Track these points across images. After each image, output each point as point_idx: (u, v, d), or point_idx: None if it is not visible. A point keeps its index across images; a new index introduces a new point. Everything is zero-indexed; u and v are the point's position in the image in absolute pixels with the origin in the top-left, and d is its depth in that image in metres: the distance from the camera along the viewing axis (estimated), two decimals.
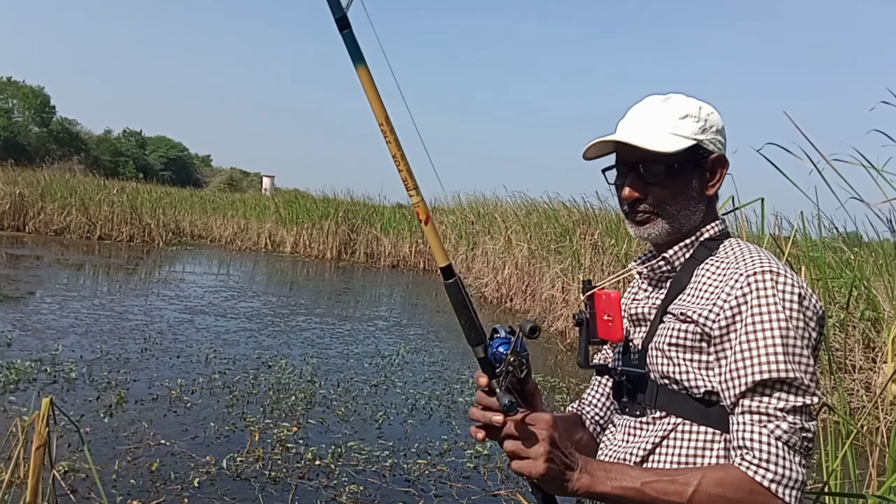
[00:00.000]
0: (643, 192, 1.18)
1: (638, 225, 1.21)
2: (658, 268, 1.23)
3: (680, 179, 1.17)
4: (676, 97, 1.21)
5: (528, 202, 14.12)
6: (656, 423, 1.17)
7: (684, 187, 1.17)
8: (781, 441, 1.01)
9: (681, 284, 1.18)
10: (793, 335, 1.04)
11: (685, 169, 1.17)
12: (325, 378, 5.99)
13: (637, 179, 1.18)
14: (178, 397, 5.03)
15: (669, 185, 1.17)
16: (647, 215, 1.19)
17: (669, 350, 1.13)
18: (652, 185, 1.17)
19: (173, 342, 6.84)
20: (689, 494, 0.99)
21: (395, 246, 18.57)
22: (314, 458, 4.08)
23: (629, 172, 1.19)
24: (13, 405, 4.40)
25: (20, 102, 54.67)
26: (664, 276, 1.24)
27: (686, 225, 1.19)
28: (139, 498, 3.37)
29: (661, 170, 1.16)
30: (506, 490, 3.91)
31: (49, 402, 2.12)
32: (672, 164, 1.16)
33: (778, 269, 1.08)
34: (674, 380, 1.13)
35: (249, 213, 22.10)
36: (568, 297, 9.45)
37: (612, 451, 1.22)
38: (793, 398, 1.03)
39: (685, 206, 1.18)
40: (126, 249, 16.46)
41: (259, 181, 41.54)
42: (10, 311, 7.67)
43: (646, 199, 1.18)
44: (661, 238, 1.20)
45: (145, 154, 62.19)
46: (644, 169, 1.17)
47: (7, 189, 17.72)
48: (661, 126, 1.17)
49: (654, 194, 1.18)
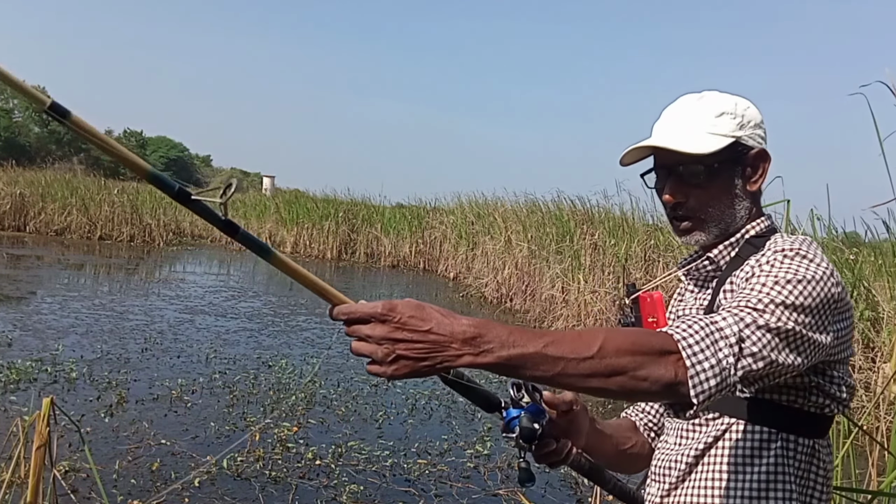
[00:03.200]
0: (684, 195, 1.14)
1: (682, 233, 1.17)
2: (703, 267, 1.19)
3: (721, 179, 1.13)
4: (711, 94, 1.17)
5: (529, 201, 14.13)
6: (709, 423, 1.12)
7: (726, 187, 1.14)
8: (739, 327, 0.91)
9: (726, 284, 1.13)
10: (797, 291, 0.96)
11: (725, 168, 1.13)
12: (326, 378, 6.00)
13: (677, 182, 1.15)
14: (178, 397, 5.04)
15: (710, 187, 1.13)
16: (690, 221, 1.15)
17: None
18: (692, 188, 1.14)
19: (174, 342, 6.85)
20: (596, 347, 0.86)
21: (395, 246, 18.57)
22: (314, 457, 4.08)
23: (669, 176, 1.16)
24: (14, 405, 4.41)
25: (21, 103, 54.67)
26: (710, 276, 1.20)
27: (731, 225, 1.15)
28: (139, 497, 3.37)
29: (700, 171, 1.12)
30: (506, 490, 3.91)
31: (50, 402, 2.12)
32: (711, 165, 1.12)
33: (805, 252, 1.03)
34: None
35: (250, 214, 22.11)
36: (568, 297, 9.46)
37: (664, 455, 1.17)
38: (782, 313, 0.94)
39: (729, 205, 1.14)
40: (127, 249, 16.46)
41: (259, 181, 41.52)
42: (10, 311, 7.67)
43: (687, 203, 1.15)
44: (708, 242, 1.16)
45: (146, 154, 62.20)
46: (684, 171, 1.14)
47: (8, 189, 17.73)
48: (698, 126, 1.13)
49: (696, 197, 1.14)
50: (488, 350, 0.82)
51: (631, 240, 9.24)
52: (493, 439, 4.69)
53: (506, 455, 4.42)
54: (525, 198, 14.49)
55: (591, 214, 11.15)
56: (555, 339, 0.86)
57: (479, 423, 5.04)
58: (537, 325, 9.81)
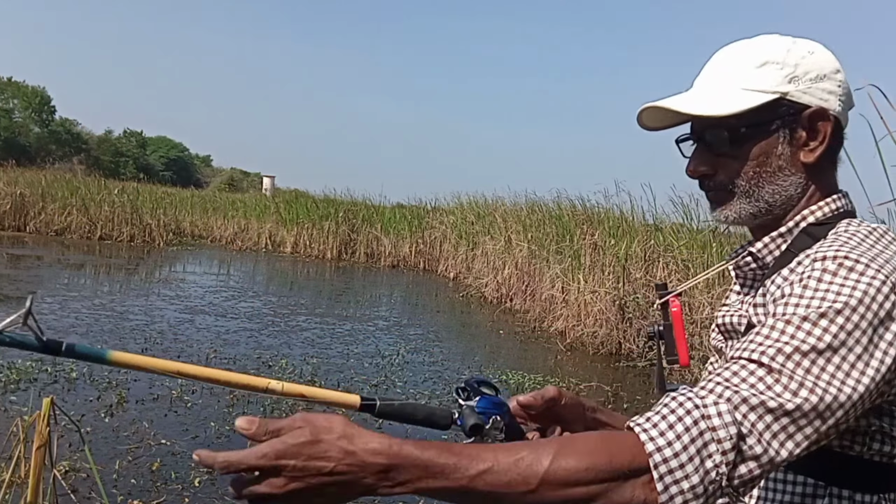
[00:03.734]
0: (711, 166, 0.94)
1: (711, 207, 0.97)
2: (746, 265, 0.97)
3: (753, 146, 0.91)
4: (761, 39, 0.94)
5: (529, 201, 14.14)
6: None
7: (763, 156, 0.91)
8: (738, 416, 0.71)
9: (773, 285, 0.90)
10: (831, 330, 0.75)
11: (759, 132, 0.91)
12: (326, 378, 6.00)
13: (704, 151, 0.95)
14: (178, 397, 5.04)
15: (739, 155, 0.92)
16: (719, 194, 0.95)
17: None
18: (719, 157, 0.93)
19: (174, 342, 6.85)
20: (539, 475, 0.69)
21: (395, 246, 18.57)
22: None
23: (698, 142, 0.96)
24: (14, 405, 4.41)
25: (21, 102, 54.71)
26: (756, 276, 0.97)
27: (776, 204, 0.92)
28: (140, 498, 3.37)
29: (723, 137, 0.92)
30: None
31: (50, 402, 2.12)
32: (737, 129, 0.91)
33: (855, 260, 0.79)
34: None
35: (250, 214, 22.10)
36: (568, 297, 9.45)
37: None
38: (781, 391, 0.72)
39: (768, 179, 0.91)
40: (127, 249, 16.46)
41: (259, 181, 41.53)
42: (10, 311, 7.62)
43: (716, 176, 0.94)
44: (745, 222, 0.95)
45: (146, 154, 62.25)
46: (709, 137, 0.94)
47: (8, 189, 17.72)
48: (733, 80, 0.92)
49: (725, 168, 0.93)
50: (405, 482, 0.70)
51: (631, 240, 9.24)
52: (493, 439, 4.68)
53: None
54: (525, 198, 14.51)
55: (591, 214, 11.15)
56: (490, 467, 0.71)
57: None
58: (537, 325, 9.81)
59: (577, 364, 7.67)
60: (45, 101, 55.61)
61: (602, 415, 1.08)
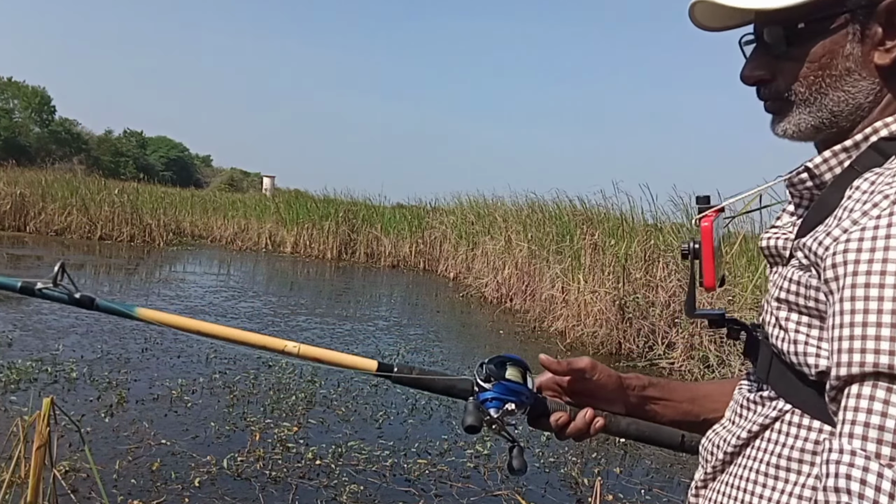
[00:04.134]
0: (769, 70, 0.82)
1: (771, 122, 0.85)
2: (800, 182, 0.82)
3: (814, 46, 0.78)
4: None
5: (529, 201, 14.14)
6: (765, 404, 0.82)
7: (827, 56, 0.78)
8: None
9: (826, 208, 0.76)
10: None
11: (823, 29, 0.77)
12: (326, 378, 6.00)
13: (762, 53, 0.83)
14: (178, 397, 5.04)
15: (798, 57, 0.79)
16: (776, 103, 0.83)
17: (778, 308, 0.78)
18: (780, 60, 0.81)
19: (174, 342, 6.85)
20: None
21: (395, 246, 18.58)
22: (314, 457, 4.09)
23: (757, 42, 0.84)
24: (14, 405, 4.41)
25: (21, 102, 54.72)
26: (812, 196, 0.83)
27: (842, 114, 0.79)
28: (140, 497, 3.37)
29: (779, 34, 0.79)
30: (506, 490, 3.91)
31: (50, 402, 2.12)
32: (793, 25, 0.78)
33: None
34: (781, 350, 0.78)
35: (250, 214, 22.11)
36: (568, 297, 9.46)
37: (713, 434, 0.89)
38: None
39: (833, 85, 0.78)
40: (127, 249, 16.46)
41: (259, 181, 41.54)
42: (10, 311, 7.67)
43: (774, 81, 0.82)
44: (807, 136, 0.83)
45: (146, 154, 62.28)
46: (767, 36, 0.81)
47: (8, 189, 17.74)
48: None
49: (784, 72, 0.81)
50: None
51: (631, 240, 9.24)
52: (493, 439, 4.69)
53: (506, 455, 4.40)
54: (525, 198, 14.52)
55: (591, 214, 11.15)
56: None
57: None
58: (537, 325, 9.81)
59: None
60: (45, 101, 55.63)
61: (654, 390, 1.01)
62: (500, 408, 0.95)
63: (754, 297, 6.87)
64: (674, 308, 8.02)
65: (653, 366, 7.61)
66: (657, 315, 8.03)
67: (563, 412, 1.00)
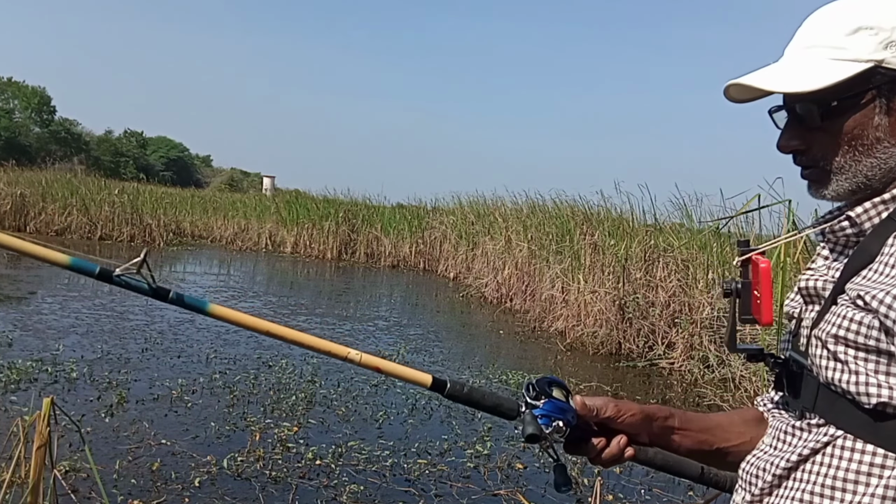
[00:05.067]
0: (803, 141, 0.90)
1: (809, 187, 0.92)
2: (840, 230, 0.90)
3: (846, 120, 0.86)
4: (851, 3, 0.87)
5: (529, 201, 14.15)
6: (812, 430, 0.88)
7: (858, 129, 0.85)
8: None
9: (867, 254, 0.84)
10: None
11: (853, 105, 0.85)
12: (326, 378, 6.00)
13: (796, 125, 0.90)
14: (178, 397, 5.04)
15: (831, 130, 0.87)
16: (815, 172, 0.90)
17: (835, 345, 0.84)
18: (811, 132, 0.89)
19: (174, 342, 6.86)
20: None
21: (395, 246, 18.58)
22: (315, 457, 4.09)
23: (790, 115, 0.91)
24: (14, 405, 4.41)
25: (21, 102, 54.75)
26: (849, 242, 0.91)
27: (875, 178, 0.86)
28: (140, 497, 3.38)
29: (813, 111, 0.87)
30: (506, 490, 3.92)
31: (50, 402, 2.12)
32: (828, 103, 0.85)
33: None
34: (833, 381, 0.84)
35: (250, 214, 22.11)
36: (568, 298, 9.46)
37: (756, 459, 0.95)
38: None
39: (865, 153, 0.86)
40: (127, 249, 16.46)
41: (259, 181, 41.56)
42: (11, 311, 7.68)
43: (810, 151, 0.90)
44: (844, 199, 0.90)
45: (146, 154, 62.30)
46: (800, 111, 0.88)
47: (8, 189, 17.75)
48: (821, 50, 0.86)
49: (818, 142, 0.89)
50: None
51: (631, 240, 9.24)
52: (493, 439, 4.69)
53: (506, 455, 4.42)
54: (525, 198, 14.52)
55: (591, 214, 11.16)
56: None
57: (479, 423, 5.04)
58: (537, 325, 9.81)
59: (577, 364, 7.67)
60: (45, 101, 55.66)
61: (674, 420, 1.06)
62: (549, 424, 0.98)
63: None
64: (673, 308, 8.02)
65: (653, 366, 7.61)
66: (657, 315, 8.03)
67: (601, 437, 1.04)
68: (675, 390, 6.79)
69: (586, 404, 1.02)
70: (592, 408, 1.02)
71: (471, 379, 6.18)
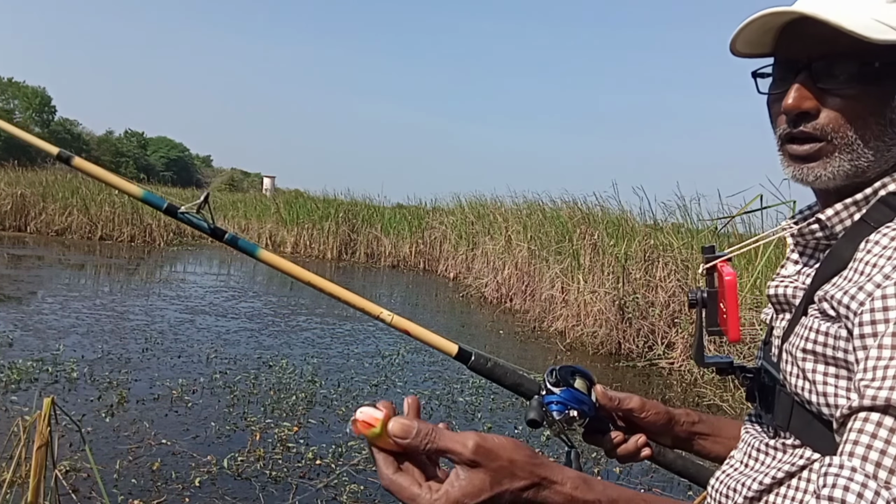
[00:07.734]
0: (815, 103, 0.77)
1: (796, 160, 0.80)
2: (810, 233, 0.83)
3: (875, 89, 0.75)
4: None
5: (529, 202, 14.15)
6: (787, 451, 0.81)
7: (880, 105, 0.75)
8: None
9: (839, 260, 0.76)
10: None
11: (886, 74, 0.74)
12: (326, 378, 6.01)
13: (808, 82, 0.77)
14: (179, 397, 5.05)
15: (859, 96, 0.75)
16: (815, 145, 0.78)
17: (804, 359, 0.77)
18: (830, 94, 0.76)
19: (174, 342, 6.86)
20: None
21: (395, 246, 18.59)
22: (315, 457, 4.10)
23: (797, 74, 0.78)
24: (15, 405, 4.42)
25: (21, 103, 54.76)
26: (819, 246, 0.84)
27: (872, 167, 0.77)
28: (140, 497, 3.38)
29: (851, 70, 0.75)
30: None
31: (50, 402, 2.13)
32: (871, 63, 0.74)
33: None
34: (807, 401, 0.77)
35: (250, 214, 22.13)
36: (567, 298, 9.47)
37: (726, 475, 0.88)
38: None
39: (875, 134, 0.76)
40: (127, 249, 16.47)
41: (259, 181, 41.56)
42: (11, 311, 7.68)
43: (817, 116, 0.77)
44: (835, 182, 0.78)
45: (146, 155, 62.33)
46: (822, 68, 0.76)
47: (9, 189, 17.77)
48: (862, 7, 0.74)
49: (833, 108, 0.76)
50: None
51: (631, 240, 9.25)
52: None
53: None
54: (525, 198, 14.53)
55: (591, 215, 11.17)
56: None
57: (478, 424, 5.05)
58: (537, 325, 9.82)
59: (577, 364, 7.67)
60: (46, 102, 55.68)
61: (703, 426, 1.03)
62: (563, 412, 0.98)
63: (753, 296, 6.87)
64: (673, 308, 8.03)
65: (652, 366, 7.61)
66: (657, 315, 8.03)
67: (619, 432, 1.02)
68: (674, 390, 6.80)
69: (608, 394, 1.00)
70: (615, 398, 1.00)
71: (471, 379, 6.18)
